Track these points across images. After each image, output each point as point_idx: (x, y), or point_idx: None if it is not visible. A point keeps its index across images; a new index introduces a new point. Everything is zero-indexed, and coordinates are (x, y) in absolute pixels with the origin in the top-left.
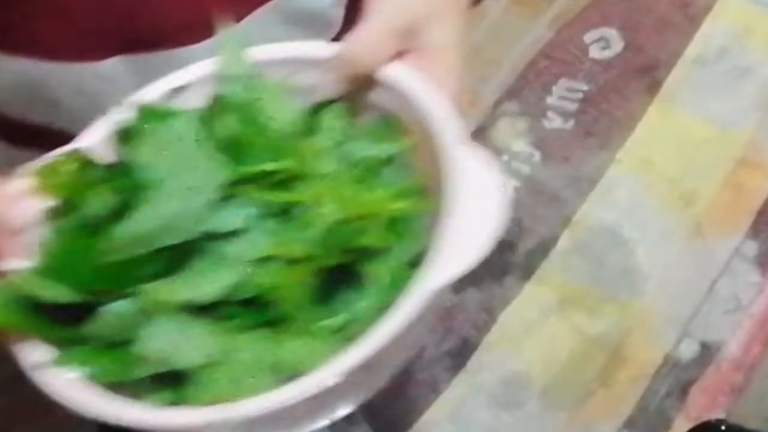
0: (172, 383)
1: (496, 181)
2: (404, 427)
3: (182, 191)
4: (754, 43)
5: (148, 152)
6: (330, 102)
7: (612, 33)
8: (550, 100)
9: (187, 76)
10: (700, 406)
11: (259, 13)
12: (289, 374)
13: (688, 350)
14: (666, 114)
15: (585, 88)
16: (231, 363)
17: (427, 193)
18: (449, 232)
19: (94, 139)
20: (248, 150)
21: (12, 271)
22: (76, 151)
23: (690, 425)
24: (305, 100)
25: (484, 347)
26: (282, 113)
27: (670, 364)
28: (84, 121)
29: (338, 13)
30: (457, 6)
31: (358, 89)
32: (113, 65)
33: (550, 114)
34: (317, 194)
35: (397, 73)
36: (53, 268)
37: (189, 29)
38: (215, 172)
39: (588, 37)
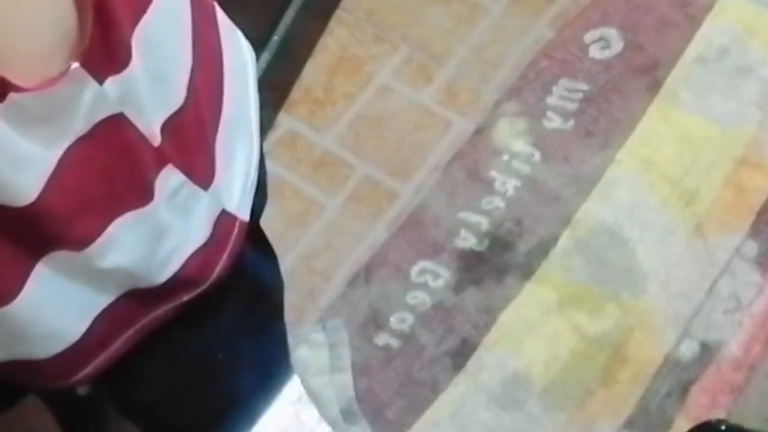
0: None
1: None
2: (404, 427)
3: None
4: (754, 43)
5: None
6: None
7: (612, 33)
8: (550, 100)
9: None
10: (701, 406)
11: None
12: None
13: (688, 350)
14: (666, 114)
15: (585, 88)
16: None
17: None
18: None
19: None
20: None
21: None
22: None
23: (690, 425)
24: None
25: (484, 347)
26: None
27: (670, 363)
28: None
29: None
30: None
31: None
32: None
33: (550, 114)
34: None
35: None
36: None
37: None
38: None
39: (588, 37)
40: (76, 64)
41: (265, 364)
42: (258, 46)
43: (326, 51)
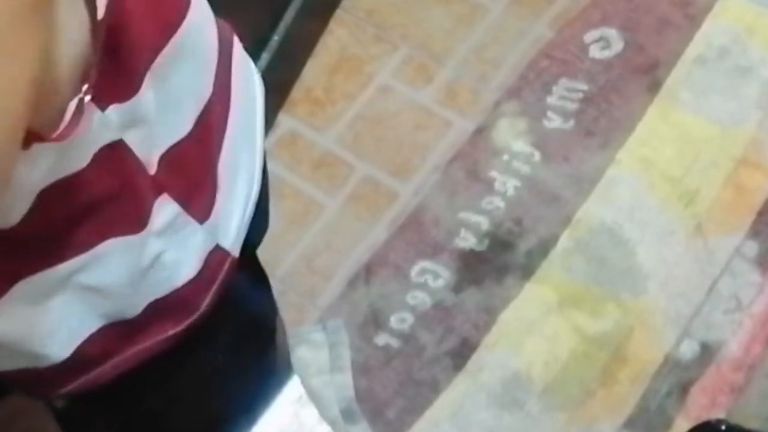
0: None
1: None
2: (404, 427)
3: None
4: (754, 43)
5: None
6: None
7: (612, 33)
8: (550, 100)
9: None
10: (701, 406)
11: None
12: None
13: (688, 350)
14: (666, 114)
15: (585, 88)
16: None
17: None
18: None
19: None
20: None
21: None
22: None
23: (690, 425)
24: None
25: (484, 347)
26: None
27: (670, 363)
28: None
29: None
30: None
31: None
32: None
33: (550, 114)
34: None
35: None
36: None
37: None
38: None
39: (588, 37)
40: (88, 98)
41: (265, 368)
42: (258, 46)
43: (326, 51)
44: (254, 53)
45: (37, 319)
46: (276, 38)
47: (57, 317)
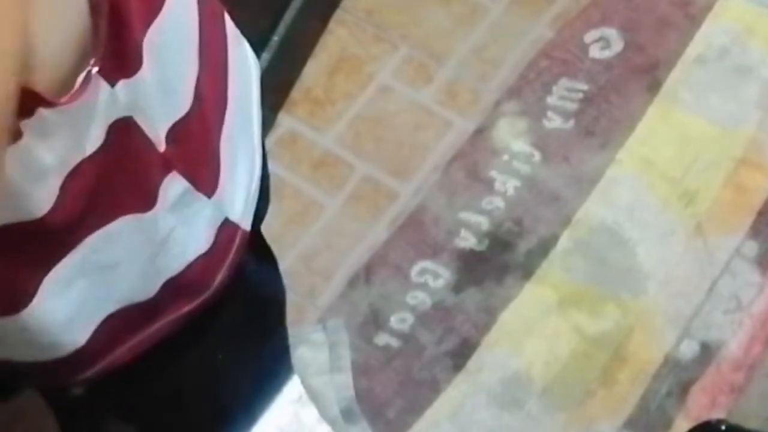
0: None
1: None
2: (404, 427)
3: None
4: (754, 43)
5: None
6: None
7: (612, 33)
8: (550, 99)
9: None
10: (701, 406)
11: None
12: None
13: (688, 350)
14: (666, 114)
15: (585, 88)
16: None
17: None
18: None
19: None
20: None
21: None
22: None
23: (690, 425)
24: None
25: (484, 347)
26: None
27: (670, 363)
28: None
29: None
30: None
31: None
32: None
33: (550, 114)
34: None
35: None
36: None
37: None
38: None
39: (588, 37)
40: (95, 69)
41: (266, 366)
42: (258, 46)
43: (326, 51)
44: (254, 53)
45: (57, 310)
46: (276, 38)
47: (76, 304)
